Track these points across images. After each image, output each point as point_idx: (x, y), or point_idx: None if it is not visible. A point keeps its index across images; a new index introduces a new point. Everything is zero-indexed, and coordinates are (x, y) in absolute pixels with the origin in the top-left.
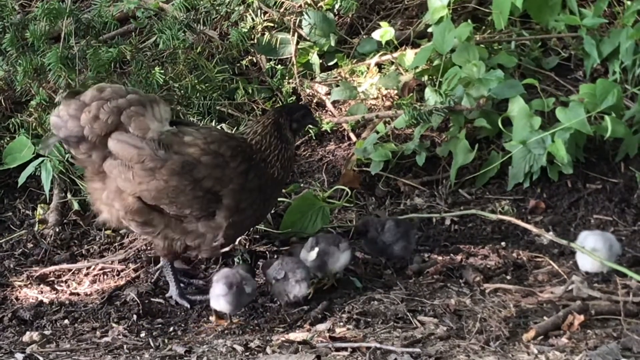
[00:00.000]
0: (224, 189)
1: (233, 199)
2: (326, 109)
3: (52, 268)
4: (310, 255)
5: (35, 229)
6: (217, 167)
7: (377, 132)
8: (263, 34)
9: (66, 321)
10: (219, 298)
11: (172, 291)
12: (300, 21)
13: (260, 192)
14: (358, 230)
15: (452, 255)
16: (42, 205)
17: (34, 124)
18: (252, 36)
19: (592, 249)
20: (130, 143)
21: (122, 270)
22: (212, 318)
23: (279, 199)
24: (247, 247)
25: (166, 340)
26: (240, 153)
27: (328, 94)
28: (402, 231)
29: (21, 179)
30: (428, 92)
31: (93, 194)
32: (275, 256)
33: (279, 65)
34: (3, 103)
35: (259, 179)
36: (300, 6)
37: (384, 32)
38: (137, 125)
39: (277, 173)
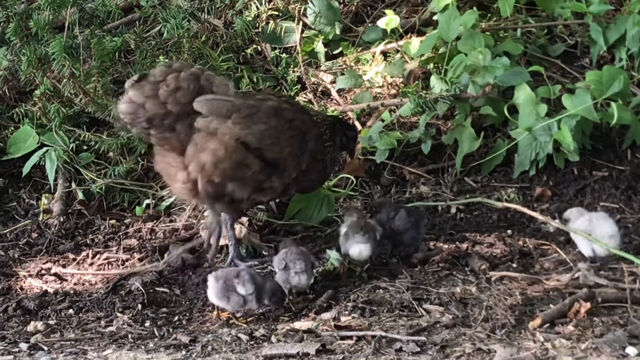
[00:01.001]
0: (309, 134)
1: (315, 143)
2: (331, 97)
3: (56, 257)
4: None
5: (40, 218)
6: (298, 112)
7: (383, 121)
8: (268, 23)
9: (71, 311)
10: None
11: (232, 254)
12: (305, 9)
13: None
14: (371, 208)
15: (457, 243)
16: (47, 195)
17: (38, 114)
18: (257, 25)
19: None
20: (220, 99)
21: (126, 260)
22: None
23: None
24: (249, 238)
25: (171, 330)
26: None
27: (333, 82)
28: (413, 221)
29: (25, 169)
30: (434, 80)
31: (167, 170)
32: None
33: (284, 54)
34: (7, 93)
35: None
36: None
37: (389, 20)
38: (219, 84)
39: (327, 163)
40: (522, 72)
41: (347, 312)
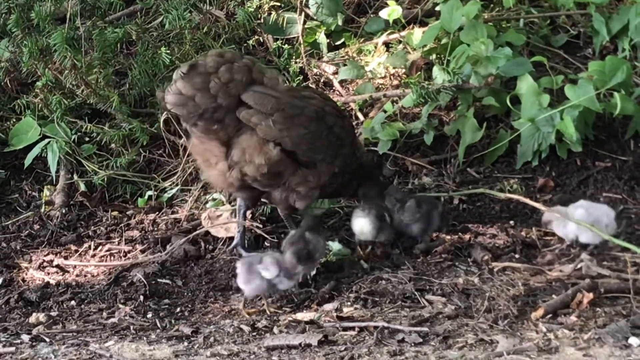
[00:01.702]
0: (346, 139)
1: (350, 147)
2: (334, 88)
3: (59, 249)
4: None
5: (42, 210)
6: (339, 117)
7: (385, 112)
8: (270, 14)
9: (73, 302)
10: None
11: (237, 241)
12: (307, 0)
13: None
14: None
15: (460, 234)
16: (49, 186)
17: (40, 105)
18: (259, 16)
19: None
20: (268, 93)
21: (129, 252)
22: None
23: None
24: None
25: (173, 321)
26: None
27: (335, 73)
28: (424, 212)
29: (27, 161)
30: (436, 71)
31: (206, 156)
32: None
33: (286, 45)
34: (9, 84)
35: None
36: None
37: (392, 10)
38: (270, 76)
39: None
40: (525, 62)
41: (349, 303)
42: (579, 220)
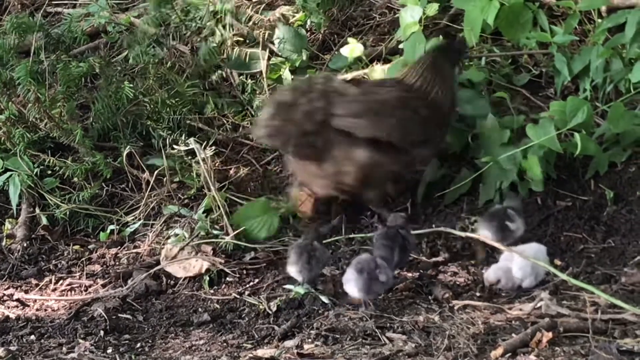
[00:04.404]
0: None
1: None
2: None
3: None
4: None
5: (3, 243)
6: (419, 100)
7: None
8: (233, 49)
9: (32, 337)
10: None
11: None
12: (271, 36)
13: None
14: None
15: (421, 271)
16: (10, 220)
17: (2, 139)
18: (222, 51)
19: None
20: (352, 99)
21: (90, 286)
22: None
23: None
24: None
25: (133, 357)
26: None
27: None
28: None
29: None
30: None
31: (308, 177)
32: None
33: (250, 80)
34: None
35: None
36: (269, 20)
37: (352, 48)
38: (341, 87)
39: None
40: (485, 104)
41: (310, 340)
42: (537, 261)
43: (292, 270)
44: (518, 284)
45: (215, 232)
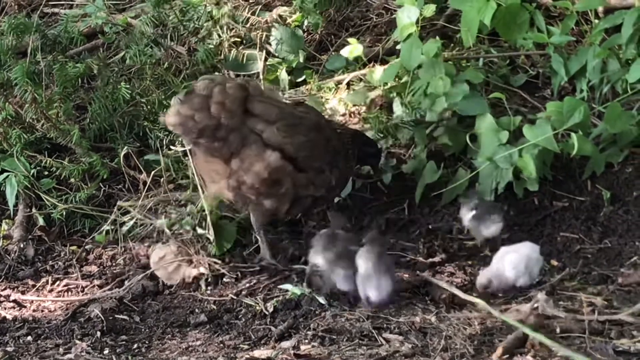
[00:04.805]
0: (342, 150)
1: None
2: None
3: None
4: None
5: None
6: (333, 131)
7: None
8: (231, 50)
9: (29, 338)
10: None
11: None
12: (268, 37)
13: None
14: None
15: (418, 272)
16: (7, 220)
17: None
18: (220, 52)
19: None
20: (272, 103)
21: (86, 287)
22: None
23: None
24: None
25: (130, 358)
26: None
27: None
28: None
29: None
30: (395, 105)
31: (213, 177)
32: None
33: None
34: None
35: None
36: (266, 21)
37: (352, 48)
38: (269, 90)
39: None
40: (482, 102)
41: (307, 341)
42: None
43: (317, 259)
44: (512, 283)
45: (200, 231)
